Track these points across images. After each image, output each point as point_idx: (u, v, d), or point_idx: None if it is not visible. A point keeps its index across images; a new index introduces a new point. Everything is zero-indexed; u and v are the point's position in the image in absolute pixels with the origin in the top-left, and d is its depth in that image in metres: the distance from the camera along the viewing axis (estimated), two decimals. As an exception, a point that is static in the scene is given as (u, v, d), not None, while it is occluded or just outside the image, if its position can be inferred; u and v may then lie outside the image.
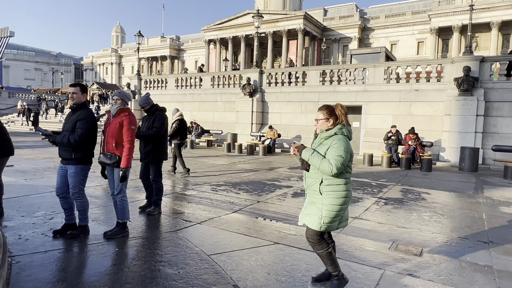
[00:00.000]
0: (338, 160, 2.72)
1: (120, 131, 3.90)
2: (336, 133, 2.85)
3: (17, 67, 77.37)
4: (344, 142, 2.79)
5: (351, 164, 2.91)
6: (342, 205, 2.84)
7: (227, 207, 5.72)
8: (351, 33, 45.86)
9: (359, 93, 14.47)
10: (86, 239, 4.01)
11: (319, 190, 2.84)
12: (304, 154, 2.85)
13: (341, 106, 2.93)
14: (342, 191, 2.82)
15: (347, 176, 2.87)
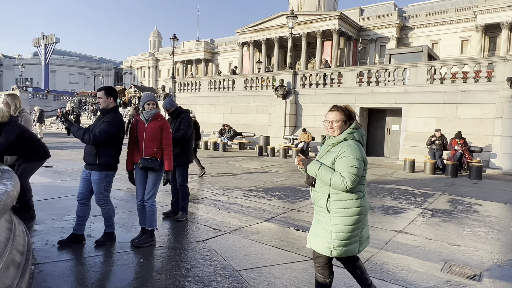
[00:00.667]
0: (352, 171, 2.29)
1: (160, 135, 3.86)
2: (346, 138, 2.41)
3: (62, 71, 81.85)
4: (356, 149, 2.36)
5: (366, 173, 2.47)
6: (354, 225, 2.39)
7: (258, 215, 5.41)
8: (388, 32, 44.22)
9: (399, 94, 13.67)
10: (112, 247, 3.85)
11: (326, 207, 2.42)
12: (310, 169, 2.44)
13: (350, 107, 2.54)
14: (355, 207, 2.38)
15: (360, 189, 2.43)
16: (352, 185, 2.29)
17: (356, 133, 2.44)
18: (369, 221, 5.23)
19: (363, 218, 2.46)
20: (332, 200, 2.40)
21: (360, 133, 2.47)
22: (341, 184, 2.29)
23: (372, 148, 15.57)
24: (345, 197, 2.37)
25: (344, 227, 2.37)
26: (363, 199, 2.45)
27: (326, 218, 2.43)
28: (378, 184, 8.48)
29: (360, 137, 2.45)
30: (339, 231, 2.37)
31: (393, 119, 14.93)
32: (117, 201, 5.98)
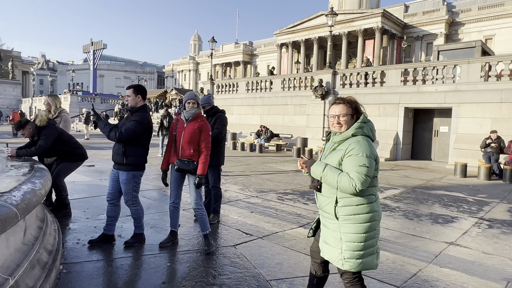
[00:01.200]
0: (361, 171, 1.99)
1: (198, 136, 3.63)
2: (354, 134, 2.11)
3: (110, 76, 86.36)
4: (366, 145, 2.06)
5: (378, 173, 2.15)
6: (368, 233, 2.08)
7: (293, 220, 5.12)
8: (436, 29, 41.84)
9: (448, 93, 12.70)
10: (141, 248, 3.76)
11: (334, 213, 2.11)
12: (315, 171, 2.14)
13: (356, 101, 2.25)
14: (366, 213, 2.07)
15: (372, 192, 2.11)
16: (362, 187, 1.98)
17: (366, 127, 2.14)
18: (416, 230, 4.77)
19: (377, 225, 2.14)
20: (341, 206, 2.09)
21: (370, 127, 2.17)
22: (350, 186, 1.99)
23: (418, 150, 14.63)
24: (355, 202, 2.07)
25: (355, 236, 2.06)
26: (376, 203, 2.13)
27: (335, 225, 2.13)
28: (425, 190, 7.84)
29: (370, 132, 2.15)
30: (350, 241, 2.07)
31: (442, 120, 13.92)
32: (151, 201, 5.98)
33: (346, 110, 2.17)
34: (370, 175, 2.02)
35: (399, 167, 11.77)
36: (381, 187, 7.98)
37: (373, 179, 2.10)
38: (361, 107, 2.23)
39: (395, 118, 14.04)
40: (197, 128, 3.63)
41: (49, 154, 4.74)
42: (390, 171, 10.71)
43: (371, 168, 2.03)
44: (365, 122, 2.17)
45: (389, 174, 10.05)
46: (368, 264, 2.11)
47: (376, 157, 2.10)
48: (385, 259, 3.73)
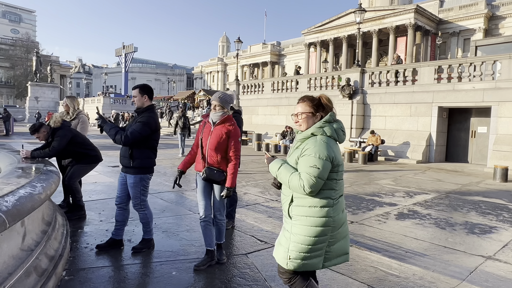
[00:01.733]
0: (312, 172, 1.94)
1: (225, 143, 3.18)
2: (313, 133, 2.06)
3: (141, 78, 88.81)
4: (323, 146, 2.00)
5: (339, 176, 2.08)
6: (317, 237, 2.02)
7: (312, 227, 4.81)
8: (474, 24, 39.66)
9: (487, 91, 11.83)
10: (149, 255, 3.61)
11: (288, 212, 2.12)
12: (271, 168, 2.16)
13: (327, 97, 2.17)
14: (318, 217, 2.01)
15: (330, 196, 2.04)
16: (310, 188, 1.95)
17: (328, 127, 2.06)
18: (448, 242, 4.33)
19: (331, 231, 2.05)
20: (294, 205, 2.08)
21: (334, 128, 2.08)
22: (299, 186, 1.97)
23: (454, 152, 13.77)
24: (308, 203, 2.03)
25: (304, 238, 2.03)
26: (333, 209, 2.05)
27: (288, 224, 2.13)
28: (460, 195, 7.25)
29: (332, 132, 2.07)
30: (298, 242, 2.04)
31: (480, 120, 13.02)
32: (167, 203, 5.87)
33: (304, 108, 2.13)
34: (322, 177, 1.95)
35: (432, 170, 11.08)
36: (411, 191, 7.48)
37: (331, 182, 2.03)
38: (330, 106, 2.14)
39: (428, 118, 13.28)
40: (225, 134, 3.19)
41: (63, 156, 4.74)
42: (421, 174, 10.09)
43: (323, 170, 1.95)
44: (329, 122, 2.08)
45: (420, 178, 9.45)
46: (312, 266, 2.07)
47: (333, 159, 2.01)
48: (411, 274, 3.37)
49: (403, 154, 13.48)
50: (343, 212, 2.13)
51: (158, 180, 7.89)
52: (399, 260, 3.69)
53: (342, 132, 2.12)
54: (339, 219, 2.07)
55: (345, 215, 2.17)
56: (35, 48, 62.28)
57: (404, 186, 8.10)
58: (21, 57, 69.54)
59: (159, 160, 11.19)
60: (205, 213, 3.28)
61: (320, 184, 1.97)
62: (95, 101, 44.04)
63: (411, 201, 6.62)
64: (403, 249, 4.05)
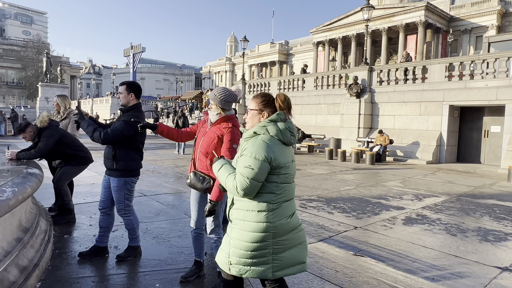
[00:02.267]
0: (246, 173, 1.83)
1: (218, 147, 2.76)
2: (256, 132, 1.94)
3: (150, 78, 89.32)
4: (261, 146, 1.86)
5: (283, 179, 1.93)
6: (256, 244, 1.88)
7: (313, 232, 4.53)
8: (487, 21, 38.71)
9: (501, 89, 11.36)
10: (134, 264, 3.37)
11: (228, 214, 2.03)
12: (214, 168, 2.08)
13: (285, 97, 2.01)
14: (256, 222, 1.88)
15: (270, 200, 1.89)
16: (243, 190, 1.84)
17: (272, 126, 1.93)
18: (459, 250, 3.99)
19: (271, 238, 1.89)
20: (234, 208, 1.99)
21: (280, 128, 1.93)
22: (233, 188, 1.89)
23: (466, 153, 13.30)
24: (245, 207, 1.92)
25: (241, 244, 1.92)
26: (273, 214, 1.89)
27: (229, 228, 2.04)
28: (472, 199, 6.88)
29: (277, 132, 1.92)
30: (236, 247, 1.94)
31: (493, 119, 12.53)
32: (163, 206, 5.65)
33: (252, 105, 2.06)
34: (256, 178, 1.83)
35: (442, 171, 10.67)
36: (420, 194, 7.13)
37: (271, 185, 1.89)
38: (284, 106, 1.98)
39: (439, 117, 12.84)
40: (218, 137, 2.77)
41: (51, 157, 4.54)
42: (431, 176, 9.69)
43: (258, 172, 1.82)
44: (275, 121, 1.95)
45: (430, 179, 9.07)
46: (259, 273, 1.92)
47: (272, 160, 1.86)
48: (417, 284, 3.06)
49: (412, 154, 13.06)
50: (290, 218, 1.96)
51: (157, 181, 7.69)
52: (405, 272, 3.39)
53: (290, 133, 1.96)
54: (281, 225, 1.91)
55: (295, 221, 1.99)
56: (45, 49, 63.05)
57: (412, 188, 7.74)
58: (32, 58, 70.45)
59: (161, 160, 11.07)
60: (196, 225, 2.98)
61: (254, 187, 1.84)
62: (103, 102, 44.31)
63: (420, 204, 6.27)
64: (410, 259, 3.74)
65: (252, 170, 1.82)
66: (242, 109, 21.95)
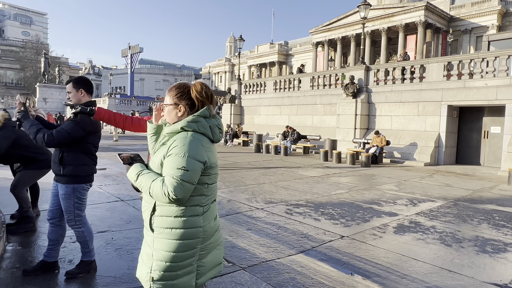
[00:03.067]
0: (179, 175, 1.58)
1: None
2: (184, 127, 1.69)
3: (150, 79, 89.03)
4: (193, 144, 1.64)
5: (212, 179, 1.75)
6: (183, 253, 1.66)
7: (295, 243, 4.16)
8: (487, 21, 38.34)
9: (501, 88, 10.98)
10: (85, 283, 2.99)
11: (150, 223, 1.72)
12: (130, 174, 1.74)
13: (202, 87, 1.76)
14: (186, 228, 1.66)
15: (199, 202, 1.70)
16: (177, 195, 1.57)
17: (201, 123, 1.71)
18: (454, 264, 3.60)
19: (201, 243, 1.71)
20: (157, 215, 1.69)
21: (210, 124, 1.74)
22: (162, 194, 1.59)
23: (465, 154, 12.92)
24: (172, 213, 1.66)
25: (168, 255, 1.66)
26: (203, 217, 1.72)
27: (150, 238, 1.73)
28: (470, 203, 6.49)
29: (207, 130, 1.73)
30: (161, 259, 1.67)
31: (493, 119, 12.15)
32: (138, 212, 5.25)
33: (167, 99, 1.78)
34: (191, 180, 1.59)
35: (440, 174, 10.28)
36: (415, 198, 6.74)
37: (202, 187, 1.69)
38: (202, 98, 1.74)
39: (437, 118, 12.46)
40: None
41: (8, 160, 4.17)
42: (428, 179, 9.30)
43: (193, 173, 1.60)
44: (205, 117, 1.72)
45: (427, 182, 8.68)
46: (182, 285, 1.70)
47: (206, 161, 1.66)
48: (404, 310, 2.68)
49: (410, 156, 12.67)
50: (215, 220, 1.81)
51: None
52: (391, 290, 3.01)
53: (219, 130, 1.79)
54: (210, 227, 1.75)
55: (218, 222, 1.85)
56: (44, 50, 62.83)
57: (408, 192, 7.36)
58: (31, 59, 70.32)
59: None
60: None
61: (189, 190, 1.61)
62: (100, 102, 43.96)
63: (414, 210, 5.89)
64: (399, 274, 3.37)
65: (186, 172, 1.58)
66: (237, 109, 21.60)
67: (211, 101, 1.78)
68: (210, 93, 1.77)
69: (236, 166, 10.68)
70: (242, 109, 21.53)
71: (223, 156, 13.52)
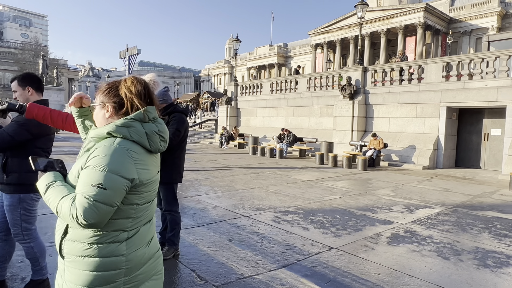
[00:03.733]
0: (92, 195, 1.22)
1: None
2: (112, 132, 1.34)
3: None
4: (119, 155, 1.29)
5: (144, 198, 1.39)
6: (102, 287, 1.31)
7: (279, 256, 3.81)
8: (487, 22, 38.06)
9: (501, 89, 10.65)
10: (35, 303, 2.65)
11: (60, 247, 1.37)
12: (39, 184, 1.37)
13: (133, 81, 1.41)
14: (105, 257, 1.31)
15: (123, 226, 1.34)
16: (88, 220, 1.22)
17: (135, 128, 1.36)
18: (451, 280, 3.23)
19: (123, 275, 1.34)
20: (68, 239, 1.34)
21: (147, 130, 1.39)
22: (69, 216, 1.23)
23: (464, 157, 12.58)
24: (86, 237, 1.31)
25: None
26: (128, 244, 1.35)
27: (61, 265, 1.39)
28: (470, 210, 6.14)
29: (141, 136, 1.37)
30: None
31: (493, 121, 11.81)
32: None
33: (96, 100, 1.47)
34: (108, 202, 1.24)
35: (439, 177, 9.93)
36: (412, 204, 6.40)
37: (128, 208, 1.33)
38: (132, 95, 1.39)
39: (436, 120, 12.12)
40: None
41: None
42: (426, 183, 8.96)
43: (112, 192, 1.24)
44: (142, 121, 1.39)
45: (425, 187, 8.33)
46: None
47: (135, 178, 1.30)
48: None
49: (408, 159, 12.33)
50: (149, 245, 1.44)
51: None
52: (380, 313, 2.67)
53: (160, 137, 1.42)
54: (137, 256, 1.38)
55: (153, 247, 1.48)
56: (43, 52, 62.63)
57: (404, 198, 7.01)
58: (30, 61, 70.11)
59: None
60: None
61: (106, 214, 1.25)
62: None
63: (410, 217, 5.54)
64: (390, 293, 3.02)
65: (103, 191, 1.23)
66: (234, 111, 21.28)
67: (149, 101, 1.44)
68: (146, 91, 1.43)
69: (228, 170, 10.34)
70: (239, 111, 21.20)
71: (216, 159, 13.18)
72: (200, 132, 26.22)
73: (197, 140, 23.62)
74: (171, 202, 3.65)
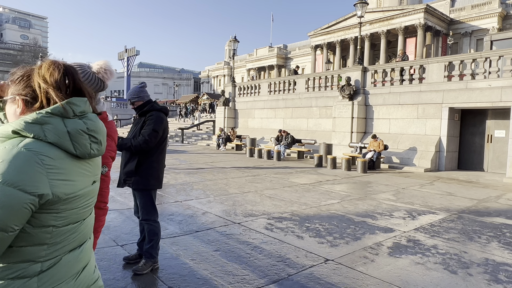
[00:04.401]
0: None
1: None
2: (18, 130, 0.98)
3: (149, 83, 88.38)
4: (21, 162, 0.92)
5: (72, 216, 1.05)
6: None
7: (269, 269, 3.45)
8: (487, 23, 37.77)
9: (506, 89, 10.30)
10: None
11: None
12: None
13: (50, 69, 1.06)
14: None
15: (34, 255, 0.99)
16: None
17: (51, 125, 1.01)
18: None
19: None
20: None
21: (69, 128, 1.04)
22: None
23: (467, 159, 12.21)
24: None
25: None
26: (41, 279, 1.00)
27: None
28: (476, 216, 5.78)
29: (60, 137, 1.02)
30: None
31: (497, 123, 11.46)
32: (93, 229, 4.56)
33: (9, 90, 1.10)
34: (2, 227, 0.89)
35: (441, 181, 9.57)
36: (414, 210, 6.03)
37: (42, 232, 1.00)
38: (40, 82, 1.05)
39: (438, 121, 11.77)
40: None
41: None
42: (429, 186, 8.59)
43: (6, 212, 0.89)
44: (64, 117, 1.04)
45: (427, 191, 7.97)
46: None
47: (46, 193, 0.96)
48: None
49: (409, 161, 11.97)
50: (76, 279, 1.10)
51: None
52: None
53: (91, 137, 1.10)
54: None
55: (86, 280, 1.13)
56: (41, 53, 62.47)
57: (406, 203, 6.65)
58: (29, 62, 69.97)
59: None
60: None
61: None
62: (96, 106, 43.42)
63: (413, 224, 5.18)
64: (391, 315, 2.66)
65: None
66: (231, 112, 20.94)
67: (76, 92, 1.09)
68: (69, 78, 1.08)
69: (223, 173, 9.98)
70: (236, 112, 20.86)
71: (211, 161, 12.83)
72: (198, 134, 25.89)
73: (194, 141, 23.27)
74: (148, 211, 3.28)
